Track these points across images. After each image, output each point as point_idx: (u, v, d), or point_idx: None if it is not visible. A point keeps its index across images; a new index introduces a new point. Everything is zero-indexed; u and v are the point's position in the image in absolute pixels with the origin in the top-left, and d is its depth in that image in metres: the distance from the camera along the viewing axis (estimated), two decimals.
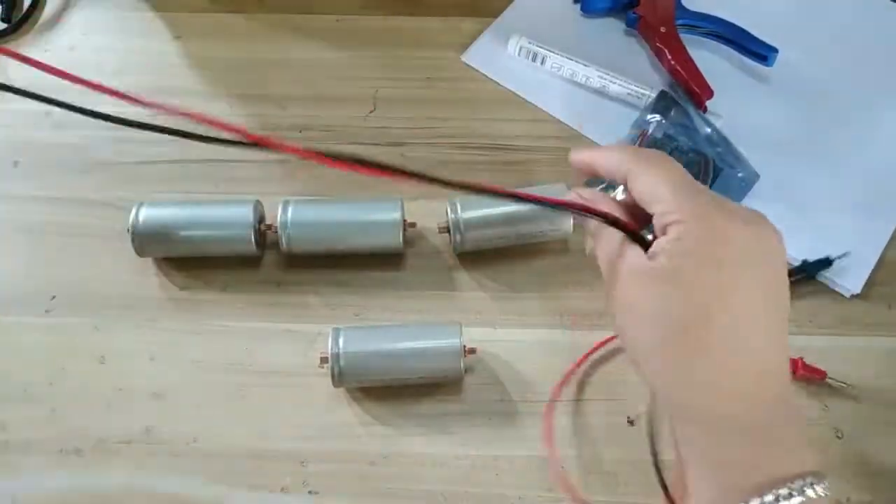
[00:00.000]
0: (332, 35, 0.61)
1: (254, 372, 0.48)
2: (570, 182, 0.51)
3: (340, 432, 0.46)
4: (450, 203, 0.50)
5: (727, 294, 0.31)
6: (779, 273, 0.32)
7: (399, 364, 0.45)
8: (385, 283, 0.51)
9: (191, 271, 0.51)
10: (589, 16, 0.62)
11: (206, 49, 0.60)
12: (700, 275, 0.31)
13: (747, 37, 0.58)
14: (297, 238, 0.49)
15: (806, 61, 0.60)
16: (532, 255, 0.52)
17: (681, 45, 0.58)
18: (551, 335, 0.49)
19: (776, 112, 0.58)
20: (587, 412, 0.47)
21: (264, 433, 0.46)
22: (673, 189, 0.32)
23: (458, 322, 0.46)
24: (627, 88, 0.57)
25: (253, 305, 0.50)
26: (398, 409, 0.47)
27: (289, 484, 0.45)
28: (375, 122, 0.57)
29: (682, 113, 0.55)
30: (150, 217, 0.49)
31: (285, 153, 0.30)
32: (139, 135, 0.49)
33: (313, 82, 0.59)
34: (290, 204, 0.50)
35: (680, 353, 0.31)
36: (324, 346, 0.45)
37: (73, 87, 0.62)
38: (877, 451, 0.47)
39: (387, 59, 0.60)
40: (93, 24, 0.62)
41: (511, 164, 0.56)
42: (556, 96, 0.58)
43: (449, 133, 0.57)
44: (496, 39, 0.61)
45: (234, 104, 0.58)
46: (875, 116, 0.58)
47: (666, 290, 0.31)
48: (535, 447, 0.45)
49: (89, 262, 0.51)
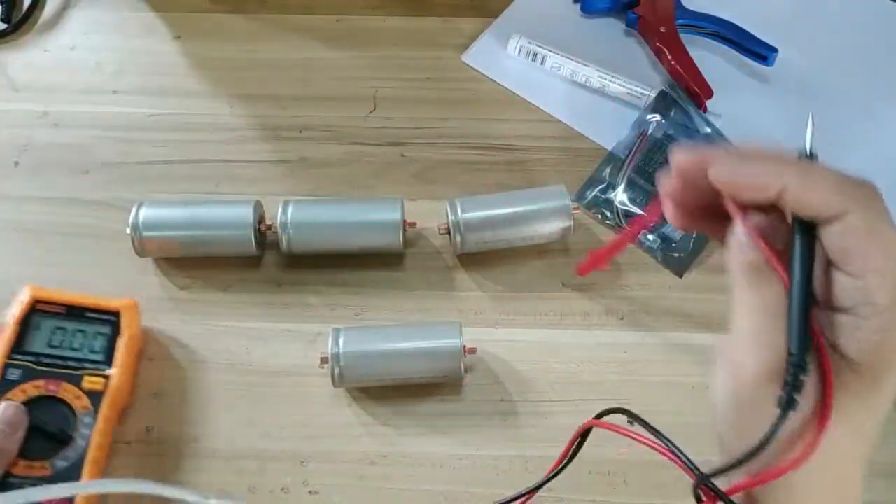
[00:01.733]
0: (332, 35, 0.61)
1: (254, 372, 0.48)
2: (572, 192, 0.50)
3: (340, 432, 0.46)
4: (450, 204, 0.50)
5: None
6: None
7: (399, 364, 0.45)
8: (385, 283, 0.51)
9: (191, 271, 0.51)
10: (589, 16, 0.62)
11: (206, 49, 0.60)
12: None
13: (747, 36, 0.58)
14: (297, 238, 0.49)
15: (806, 61, 0.60)
16: (532, 256, 0.52)
17: (681, 45, 0.58)
18: (551, 335, 0.49)
19: (776, 112, 0.58)
20: (587, 412, 0.47)
21: (264, 433, 0.46)
22: (888, 262, 0.27)
23: (458, 322, 0.46)
24: (627, 88, 0.57)
25: (253, 305, 0.50)
26: (398, 409, 0.47)
27: (289, 483, 0.45)
28: (375, 122, 0.57)
29: (682, 113, 0.55)
30: (150, 217, 0.49)
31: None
32: (139, 135, 0.49)
33: (313, 82, 0.59)
34: (289, 204, 0.50)
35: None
36: (324, 346, 0.45)
37: (72, 87, 0.63)
38: (878, 452, 0.46)
39: (387, 59, 0.60)
40: (93, 24, 0.62)
41: (511, 164, 0.56)
42: (556, 96, 0.58)
43: (449, 133, 0.57)
44: (496, 39, 0.61)
45: (235, 104, 0.58)
46: (875, 116, 0.58)
47: (864, 392, 0.28)
48: (535, 447, 0.45)
49: (89, 262, 0.51)
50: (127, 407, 0.46)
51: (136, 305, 0.47)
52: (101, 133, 0.56)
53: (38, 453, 0.41)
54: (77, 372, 0.43)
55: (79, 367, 0.44)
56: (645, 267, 0.52)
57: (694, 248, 0.52)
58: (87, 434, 0.42)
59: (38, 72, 0.59)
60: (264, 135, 0.57)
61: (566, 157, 0.56)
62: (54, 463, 0.41)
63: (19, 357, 0.43)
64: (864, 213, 0.27)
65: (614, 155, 0.55)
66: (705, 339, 0.49)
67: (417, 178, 0.55)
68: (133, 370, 0.47)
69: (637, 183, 0.53)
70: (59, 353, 0.44)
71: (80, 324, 0.45)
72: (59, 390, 0.43)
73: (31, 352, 0.44)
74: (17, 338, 0.44)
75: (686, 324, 0.50)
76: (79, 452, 0.41)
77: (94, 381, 0.43)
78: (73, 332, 0.45)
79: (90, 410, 0.43)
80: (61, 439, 0.42)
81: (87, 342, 0.44)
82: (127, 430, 0.46)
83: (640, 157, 0.54)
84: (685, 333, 0.49)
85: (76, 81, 0.59)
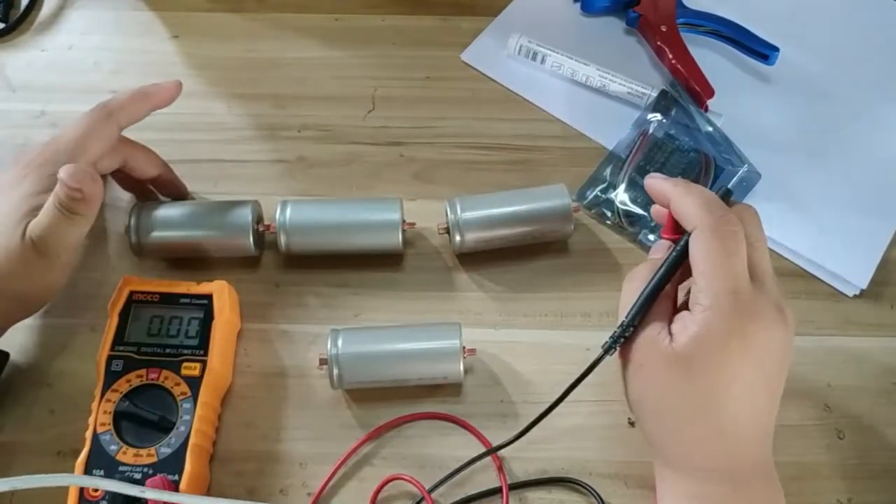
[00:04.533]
0: (331, 34, 0.61)
1: (253, 372, 0.48)
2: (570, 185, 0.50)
3: (340, 434, 0.46)
4: (449, 203, 0.50)
5: (729, 384, 0.35)
6: (780, 371, 0.37)
7: (398, 365, 0.45)
8: (384, 284, 0.51)
9: (190, 271, 0.51)
10: (589, 14, 0.62)
11: (204, 48, 0.60)
12: (710, 366, 0.35)
13: (748, 35, 0.58)
14: (295, 238, 0.49)
15: (807, 60, 0.60)
16: (532, 256, 0.52)
17: (682, 44, 0.57)
18: (551, 335, 0.49)
19: (777, 111, 0.58)
20: (587, 412, 0.47)
21: (263, 434, 0.46)
22: (714, 270, 0.35)
23: (458, 322, 0.46)
24: (628, 87, 0.57)
25: (252, 306, 0.50)
26: (397, 411, 0.46)
27: (288, 486, 0.44)
28: (374, 122, 0.57)
29: (683, 112, 0.55)
30: (148, 217, 0.48)
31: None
32: (136, 135, 0.49)
33: (312, 82, 0.59)
34: (288, 204, 0.49)
35: (675, 422, 0.36)
36: (323, 346, 0.45)
37: (70, 87, 0.62)
38: (878, 452, 0.46)
39: (386, 59, 0.60)
40: (91, 23, 0.61)
41: (511, 164, 0.55)
42: (556, 95, 0.58)
43: (448, 132, 0.57)
44: (496, 38, 0.60)
45: (233, 104, 0.57)
46: (877, 115, 0.58)
47: (677, 369, 0.35)
48: (535, 447, 0.45)
49: (88, 262, 0.51)
50: (228, 392, 0.47)
51: (228, 287, 0.47)
52: None
53: (145, 441, 0.42)
54: (176, 359, 0.44)
55: (177, 354, 0.44)
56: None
57: None
58: (189, 420, 0.42)
59: (36, 71, 0.59)
60: (263, 134, 0.56)
61: (566, 157, 0.56)
62: (159, 450, 0.42)
63: (121, 348, 0.44)
64: (711, 230, 0.35)
65: (615, 154, 0.55)
66: None
67: (416, 177, 0.55)
68: (229, 353, 0.47)
69: (638, 182, 0.53)
70: (158, 342, 0.44)
71: (175, 310, 0.45)
72: (160, 378, 0.43)
73: (131, 342, 0.44)
74: (118, 329, 0.45)
75: None
76: (181, 439, 0.42)
77: (192, 367, 0.44)
78: (169, 319, 0.45)
79: (189, 396, 0.43)
80: (164, 427, 0.42)
81: (183, 328, 0.45)
82: None
83: (641, 156, 0.54)
84: None
85: (74, 81, 0.58)
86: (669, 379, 0.36)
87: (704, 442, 0.36)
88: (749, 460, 0.36)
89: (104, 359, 0.44)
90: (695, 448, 0.36)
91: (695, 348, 0.35)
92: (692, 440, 0.36)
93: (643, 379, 0.37)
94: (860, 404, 0.47)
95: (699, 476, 0.36)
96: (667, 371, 0.36)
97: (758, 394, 0.36)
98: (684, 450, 0.37)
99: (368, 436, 0.45)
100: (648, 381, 0.37)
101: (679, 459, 0.37)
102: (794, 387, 0.47)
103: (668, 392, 0.36)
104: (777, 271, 0.51)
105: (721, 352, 0.34)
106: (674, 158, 0.54)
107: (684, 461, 0.37)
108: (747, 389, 0.35)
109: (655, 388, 0.37)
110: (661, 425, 0.37)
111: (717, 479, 0.36)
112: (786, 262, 0.52)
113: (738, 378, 0.35)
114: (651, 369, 0.36)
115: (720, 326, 0.34)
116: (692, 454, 0.36)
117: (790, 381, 0.37)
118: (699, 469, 0.36)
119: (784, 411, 0.46)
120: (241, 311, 0.49)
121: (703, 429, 0.36)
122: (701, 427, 0.36)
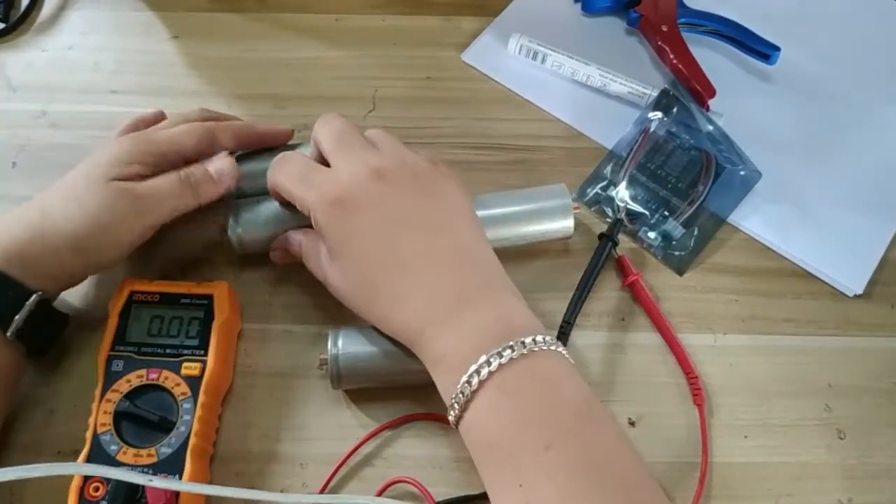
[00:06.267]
0: (331, 34, 0.61)
1: (253, 373, 0.48)
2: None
3: (340, 434, 0.46)
4: None
5: (364, 246, 0.41)
6: (388, 211, 0.41)
7: (398, 365, 0.45)
8: None
9: (190, 271, 0.50)
10: (590, 14, 0.62)
11: (204, 48, 0.60)
12: (347, 246, 0.41)
13: (750, 35, 0.58)
14: None
15: (808, 60, 0.60)
16: (532, 256, 0.52)
17: (683, 44, 0.57)
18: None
19: (778, 110, 0.58)
20: None
21: (263, 434, 0.46)
22: (294, 185, 0.43)
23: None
24: (629, 87, 0.57)
25: (252, 305, 0.50)
26: (398, 411, 0.46)
27: (288, 486, 0.44)
28: (375, 122, 0.57)
29: (685, 111, 0.55)
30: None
31: None
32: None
33: (312, 82, 0.59)
34: None
35: (361, 300, 0.42)
36: (323, 346, 0.45)
37: (70, 87, 0.62)
38: (879, 452, 0.46)
39: (386, 59, 0.60)
40: (91, 23, 0.61)
41: (511, 164, 0.55)
42: (557, 95, 0.58)
43: (449, 132, 0.57)
44: (496, 38, 0.60)
45: (233, 104, 0.57)
46: (878, 115, 0.58)
47: (337, 263, 0.42)
48: None
49: None
50: (229, 393, 0.47)
51: (229, 287, 0.47)
52: (100, 133, 0.55)
53: (145, 441, 0.42)
54: (176, 359, 0.44)
55: (177, 354, 0.44)
56: (645, 266, 0.52)
57: (694, 247, 0.52)
58: (189, 420, 0.42)
59: (36, 72, 0.59)
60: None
61: (567, 157, 0.56)
62: (159, 450, 0.42)
63: (121, 348, 0.44)
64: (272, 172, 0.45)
65: (615, 152, 0.55)
66: (706, 339, 0.49)
67: None
68: (229, 354, 0.47)
69: (639, 180, 0.53)
70: (158, 342, 0.44)
71: (175, 310, 0.45)
72: (160, 378, 0.43)
73: (131, 342, 0.44)
74: (118, 329, 0.45)
75: (687, 323, 0.50)
76: (181, 439, 0.42)
77: (192, 367, 0.44)
78: (169, 319, 0.45)
79: (189, 396, 0.43)
80: (164, 427, 0.42)
81: (183, 328, 0.45)
82: None
83: (642, 154, 0.54)
84: (686, 333, 0.49)
85: (74, 81, 0.58)
86: (341, 272, 0.42)
87: (391, 306, 0.41)
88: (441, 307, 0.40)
89: (104, 359, 0.44)
90: (386, 317, 0.42)
91: (332, 243, 0.42)
92: (378, 310, 0.42)
93: (335, 278, 0.43)
94: (860, 404, 0.47)
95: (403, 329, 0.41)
96: (338, 267, 0.42)
97: (385, 237, 0.41)
98: (380, 316, 0.42)
99: (368, 436, 0.45)
100: (335, 280, 0.43)
101: (381, 322, 0.42)
102: (794, 387, 0.47)
103: (344, 282, 0.42)
104: (777, 271, 0.52)
105: (343, 231, 0.41)
106: (675, 156, 0.54)
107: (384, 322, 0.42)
108: (377, 238, 0.41)
109: (339, 282, 0.43)
110: (355, 306, 0.43)
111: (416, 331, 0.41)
112: (786, 262, 0.52)
113: (363, 236, 0.41)
114: (334, 269, 0.43)
115: (327, 218, 0.41)
116: (387, 320, 0.42)
117: (790, 380, 0.37)
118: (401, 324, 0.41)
119: (784, 411, 0.47)
120: (242, 311, 0.49)
121: (380, 296, 0.41)
122: (377, 296, 0.41)
